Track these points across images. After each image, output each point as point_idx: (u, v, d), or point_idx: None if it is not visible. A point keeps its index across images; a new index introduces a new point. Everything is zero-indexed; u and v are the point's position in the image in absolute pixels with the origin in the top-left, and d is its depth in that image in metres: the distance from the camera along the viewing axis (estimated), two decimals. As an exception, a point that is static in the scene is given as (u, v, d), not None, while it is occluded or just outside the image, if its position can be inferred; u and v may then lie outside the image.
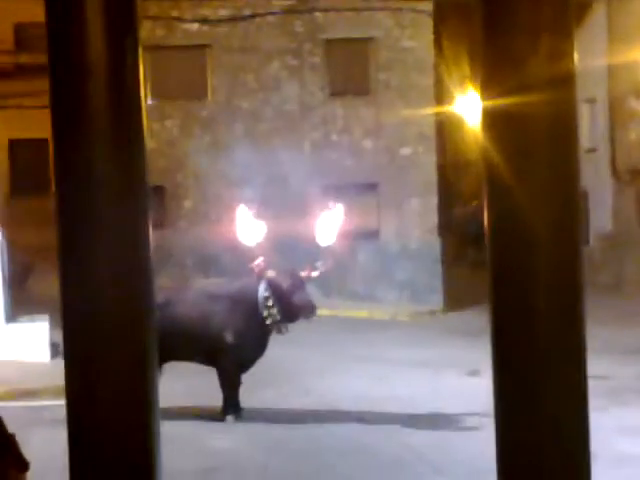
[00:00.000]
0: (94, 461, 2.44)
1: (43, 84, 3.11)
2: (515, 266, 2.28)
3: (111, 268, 2.30)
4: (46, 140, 21.47)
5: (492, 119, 2.31)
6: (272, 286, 11.44)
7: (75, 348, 2.44)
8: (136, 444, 2.36)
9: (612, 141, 23.56)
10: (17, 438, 3.10)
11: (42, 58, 2.96)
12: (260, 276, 11.46)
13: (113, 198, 2.26)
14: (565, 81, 2.25)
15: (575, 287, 2.33)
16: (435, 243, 22.66)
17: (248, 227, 11.49)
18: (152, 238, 2.44)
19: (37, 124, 17.54)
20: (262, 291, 11.49)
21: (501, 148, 2.26)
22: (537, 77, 2.18)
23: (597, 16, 23.22)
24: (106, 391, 2.36)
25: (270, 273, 11.50)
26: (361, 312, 20.75)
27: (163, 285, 13.68)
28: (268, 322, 11.45)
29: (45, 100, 2.93)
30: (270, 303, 11.43)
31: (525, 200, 2.21)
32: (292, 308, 11.53)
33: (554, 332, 2.24)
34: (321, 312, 12.57)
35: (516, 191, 2.26)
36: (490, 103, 2.26)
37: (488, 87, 2.29)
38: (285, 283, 11.51)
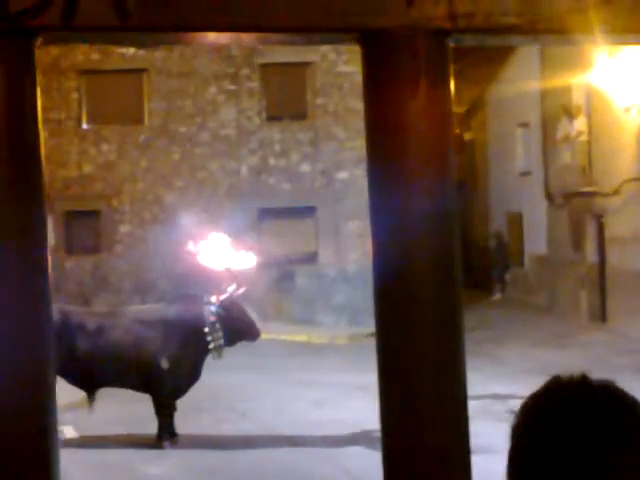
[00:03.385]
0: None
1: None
2: (398, 289, 2.46)
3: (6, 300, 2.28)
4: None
5: (376, 156, 2.42)
6: (226, 310, 11.42)
7: None
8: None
9: (545, 164, 23.88)
10: None
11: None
12: (219, 300, 11.47)
13: (9, 230, 2.23)
14: (442, 121, 2.38)
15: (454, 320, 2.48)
16: (373, 266, 22.71)
17: (218, 252, 11.54)
18: (88, 262, 2.40)
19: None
20: (208, 315, 11.43)
21: (384, 183, 2.35)
22: (416, 118, 2.30)
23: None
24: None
25: (224, 296, 11.51)
26: (299, 336, 20.70)
27: (97, 310, 13.51)
28: (211, 347, 11.40)
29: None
30: (217, 327, 11.40)
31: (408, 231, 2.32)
32: (239, 332, 11.57)
33: (435, 346, 2.43)
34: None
35: (400, 216, 2.39)
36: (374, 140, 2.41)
37: (373, 129, 2.43)
38: (236, 307, 11.56)
